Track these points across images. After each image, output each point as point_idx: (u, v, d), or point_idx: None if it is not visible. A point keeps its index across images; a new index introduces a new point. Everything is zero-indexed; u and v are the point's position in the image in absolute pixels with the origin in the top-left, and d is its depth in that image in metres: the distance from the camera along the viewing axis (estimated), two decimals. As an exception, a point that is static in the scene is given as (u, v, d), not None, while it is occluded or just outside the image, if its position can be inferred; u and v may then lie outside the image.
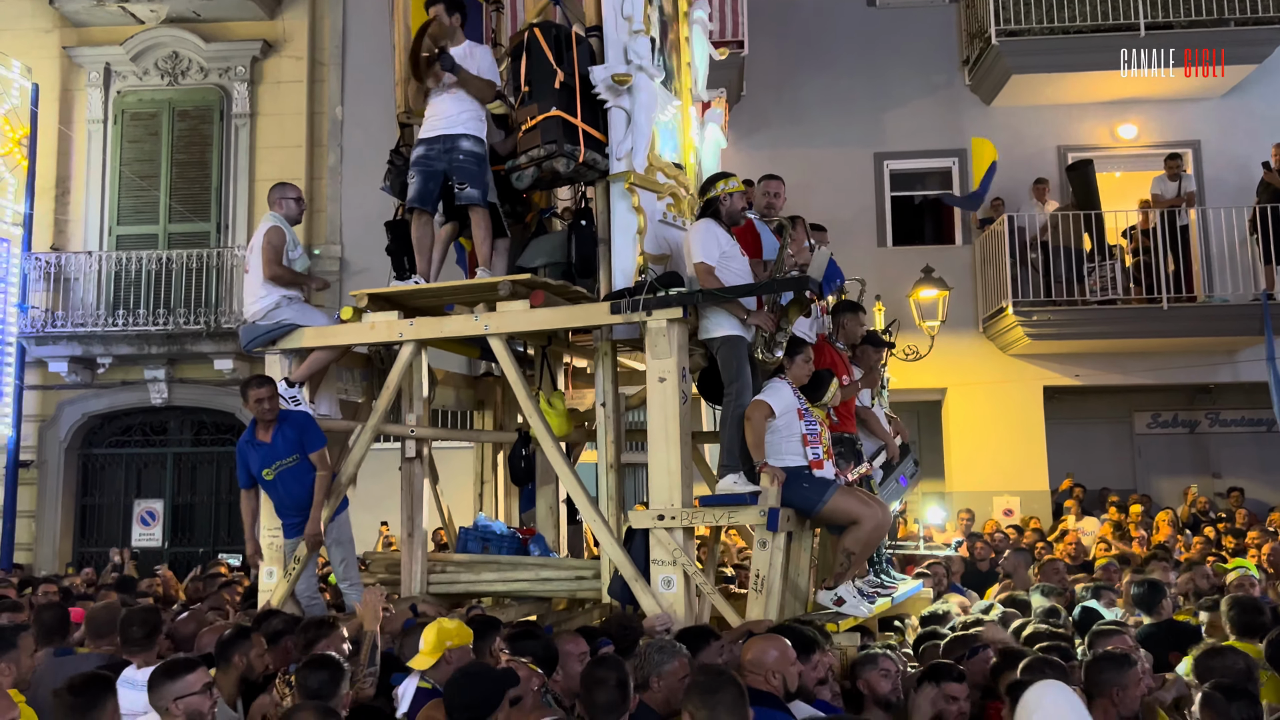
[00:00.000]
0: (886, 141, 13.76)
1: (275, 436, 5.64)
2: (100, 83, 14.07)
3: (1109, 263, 12.20)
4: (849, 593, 5.24)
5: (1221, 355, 12.60)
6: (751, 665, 3.66)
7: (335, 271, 13.25)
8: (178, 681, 3.47)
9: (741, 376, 5.38)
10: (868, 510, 5.21)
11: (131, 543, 13.62)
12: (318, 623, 4.37)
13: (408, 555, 6.09)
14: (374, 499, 6.64)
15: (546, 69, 5.73)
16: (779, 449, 5.21)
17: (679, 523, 5.19)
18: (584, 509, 5.65)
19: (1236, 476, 13.45)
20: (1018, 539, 10.73)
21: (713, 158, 7.00)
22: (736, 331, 5.40)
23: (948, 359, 12.59)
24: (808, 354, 5.44)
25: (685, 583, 5.17)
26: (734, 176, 5.77)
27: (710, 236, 5.48)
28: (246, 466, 5.77)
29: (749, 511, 5.14)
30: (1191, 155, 13.47)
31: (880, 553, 6.57)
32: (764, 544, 5.03)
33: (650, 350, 5.35)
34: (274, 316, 6.02)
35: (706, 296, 5.32)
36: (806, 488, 5.16)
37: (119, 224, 13.97)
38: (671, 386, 5.27)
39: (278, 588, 5.79)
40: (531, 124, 5.72)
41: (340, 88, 14.11)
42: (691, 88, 6.82)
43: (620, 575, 5.35)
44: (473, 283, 5.86)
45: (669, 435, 5.26)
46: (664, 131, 6.21)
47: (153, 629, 4.49)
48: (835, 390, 5.57)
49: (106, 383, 13.69)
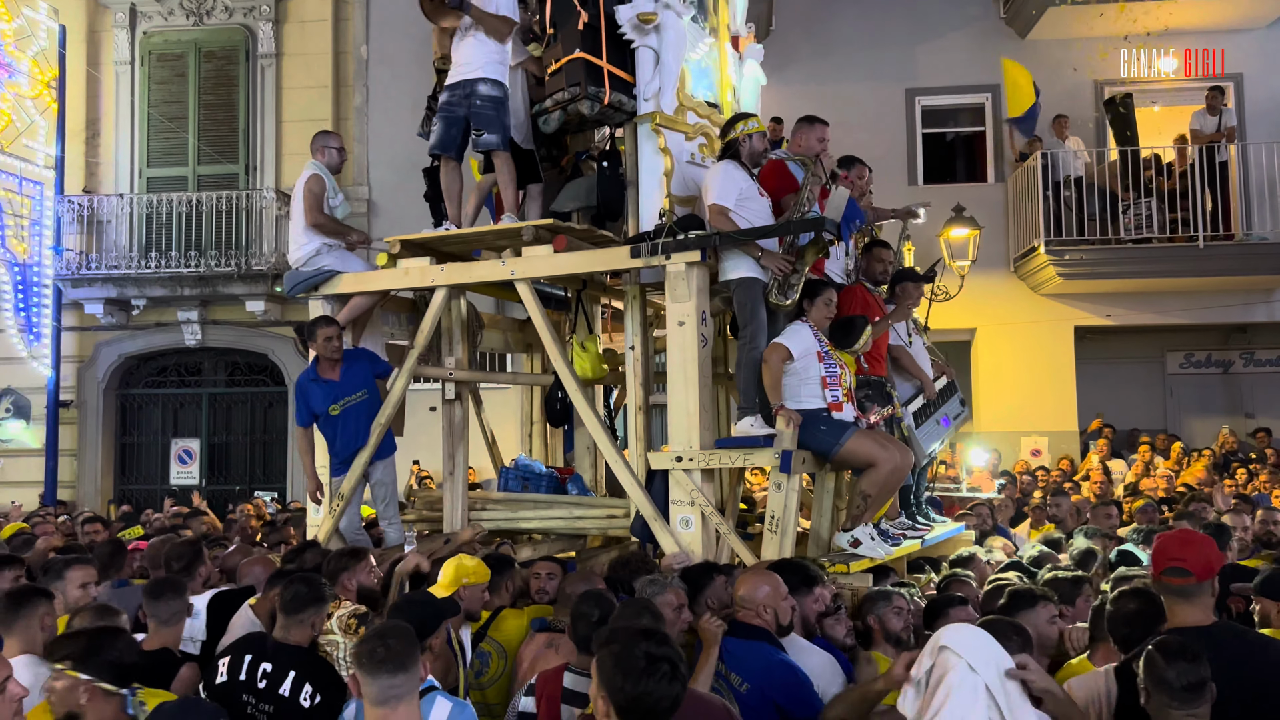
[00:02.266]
0: (918, 77, 13.51)
1: (343, 373, 5.85)
2: (126, 24, 14.05)
3: (1144, 200, 11.98)
4: (865, 534, 5.20)
5: (1259, 294, 12.41)
6: (743, 601, 3.67)
7: (363, 213, 13.31)
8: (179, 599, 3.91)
9: (756, 319, 5.33)
10: (885, 453, 5.15)
11: (170, 480, 13.94)
12: (349, 553, 4.53)
13: (450, 493, 6.22)
14: (405, 439, 6.74)
15: (570, 10, 5.67)
16: (797, 391, 5.16)
17: (696, 464, 5.22)
18: (606, 450, 5.69)
19: (1270, 417, 13.33)
20: (1049, 479, 10.74)
21: (752, 95, 6.82)
22: (752, 274, 5.33)
23: (978, 299, 12.47)
24: (829, 296, 5.35)
25: (703, 523, 5.22)
26: (754, 117, 5.65)
27: (728, 178, 5.39)
28: (308, 404, 5.91)
29: (764, 453, 5.13)
30: (1233, 89, 13.14)
31: (919, 494, 6.54)
32: (779, 486, 5.02)
33: (669, 293, 5.32)
34: (315, 263, 6.16)
35: (724, 239, 5.23)
36: (824, 430, 5.12)
37: (149, 166, 14.05)
38: (690, 330, 5.24)
39: (324, 523, 5.96)
40: (556, 67, 5.67)
41: (365, 27, 14.01)
42: (729, 23, 6.65)
43: (641, 515, 5.42)
44: (498, 228, 5.89)
45: (688, 378, 5.25)
46: (696, 70, 6.11)
47: (190, 561, 4.72)
48: (868, 337, 5.50)
49: (141, 324, 13.90)
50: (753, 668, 3.44)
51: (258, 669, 3.44)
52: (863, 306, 5.77)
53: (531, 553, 6.03)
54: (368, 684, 2.71)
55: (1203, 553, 3.11)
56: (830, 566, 4.85)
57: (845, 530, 5.28)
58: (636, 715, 2.34)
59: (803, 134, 5.89)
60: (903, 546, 5.62)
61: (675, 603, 3.73)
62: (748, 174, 5.48)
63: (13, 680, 2.79)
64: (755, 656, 3.47)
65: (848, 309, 5.70)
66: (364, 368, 5.98)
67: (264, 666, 3.43)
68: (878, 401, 5.68)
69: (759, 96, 6.91)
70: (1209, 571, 3.08)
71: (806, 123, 5.96)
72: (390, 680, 2.70)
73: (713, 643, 3.47)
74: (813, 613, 3.94)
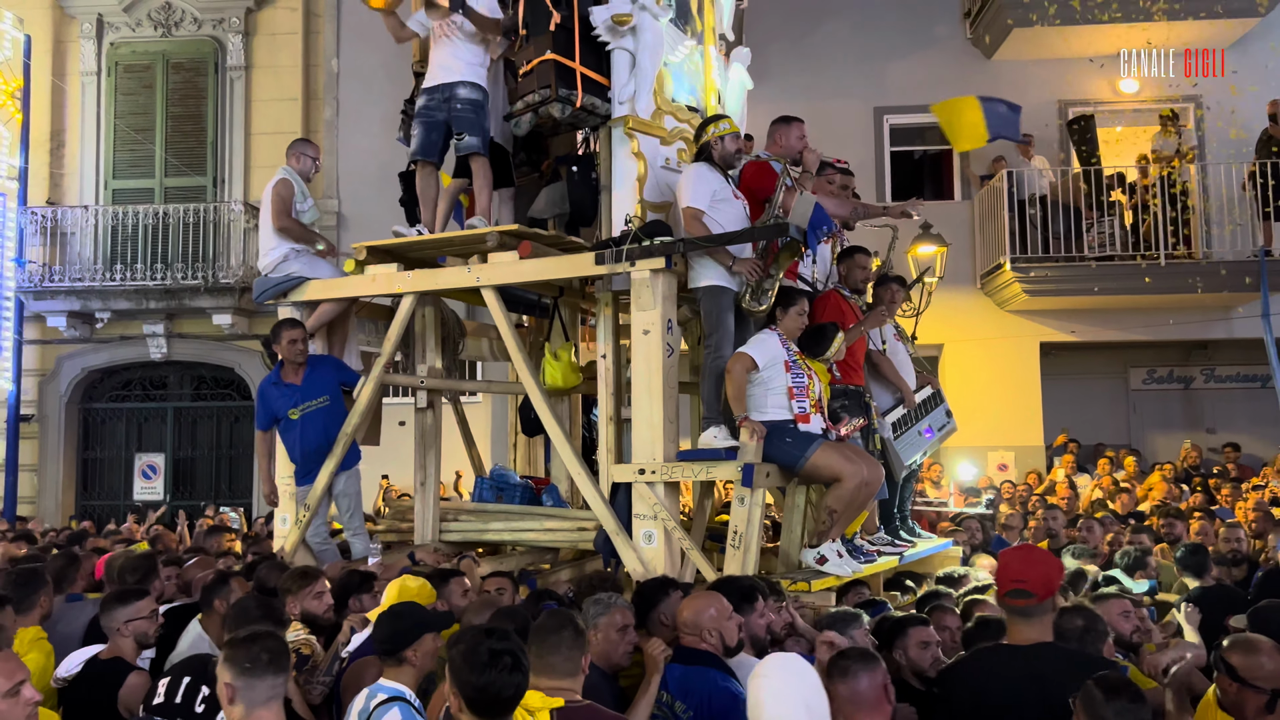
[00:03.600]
0: (887, 95, 13.67)
1: (306, 378, 5.79)
2: (93, 34, 13.92)
3: (1107, 219, 12.18)
4: (832, 551, 5.03)
5: (1218, 312, 12.63)
6: (686, 625, 3.52)
7: (333, 226, 13.23)
8: (129, 606, 3.88)
9: (721, 327, 5.21)
10: (851, 467, 4.96)
11: (134, 496, 13.73)
12: (299, 574, 4.46)
13: (421, 504, 6.16)
14: (374, 451, 6.69)
15: (543, 11, 5.59)
16: (763, 402, 5.03)
17: (659, 477, 5.08)
18: (569, 461, 5.56)
19: (1230, 432, 13.55)
20: (1015, 493, 10.83)
21: (737, 100, 6.70)
22: (720, 281, 5.21)
23: (945, 315, 12.55)
24: (802, 306, 5.23)
25: (666, 537, 5.08)
26: (727, 119, 5.55)
27: (701, 180, 5.28)
28: (269, 407, 5.88)
29: (727, 466, 4.98)
30: (1193, 110, 13.41)
31: (903, 508, 6.38)
32: (742, 500, 4.87)
33: (634, 301, 5.20)
34: (283, 269, 6.11)
35: (688, 245, 5.11)
36: (789, 442, 4.97)
37: (114, 178, 13.90)
38: (655, 339, 5.12)
39: (290, 534, 5.88)
40: (527, 68, 5.59)
41: (336, 40, 13.97)
42: (715, 26, 6.55)
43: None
44: (462, 234, 5.81)
45: (652, 388, 5.13)
46: (677, 73, 5.99)
47: (145, 575, 4.69)
48: (839, 345, 5.34)
49: (105, 337, 13.71)
50: (696, 695, 3.34)
51: (196, 693, 3.34)
52: (835, 314, 5.64)
53: (498, 565, 5.96)
54: (250, 686, 2.75)
55: (1044, 572, 3.13)
56: (790, 585, 4.71)
57: (811, 547, 5.12)
58: (483, 706, 2.50)
59: (781, 134, 5.79)
60: (877, 563, 5.48)
61: (620, 623, 3.64)
62: (721, 176, 5.38)
63: (27, 685, 2.81)
64: (699, 683, 3.36)
65: (820, 316, 5.58)
66: (328, 374, 5.91)
67: (203, 690, 3.34)
68: (854, 412, 5.51)
69: (745, 101, 6.79)
70: (1049, 590, 3.11)
71: (783, 122, 5.85)
72: (275, 680, 2.79)
73: (654, 669, 3.39)
74: (759, 629, 3.80)
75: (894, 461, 6.00)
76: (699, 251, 5.17)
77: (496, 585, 4.68)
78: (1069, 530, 7.53)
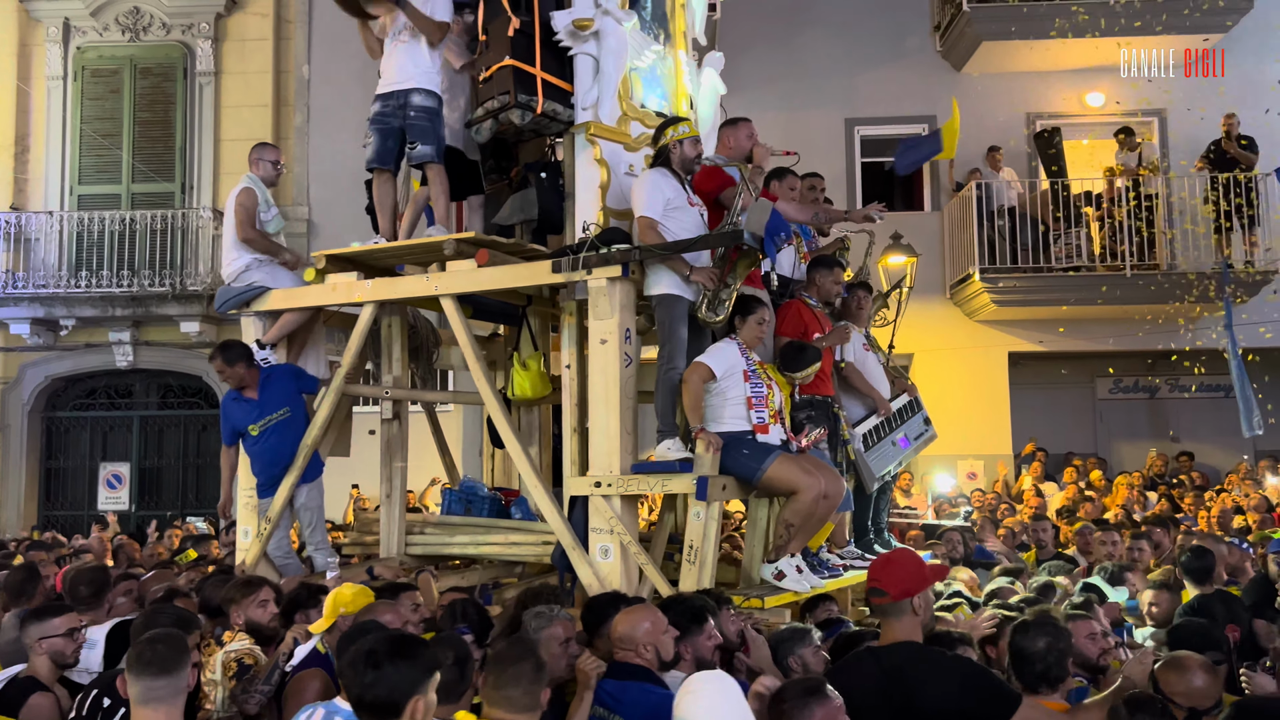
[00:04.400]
0: (858, 107, 13.78)
1: (263, 392, 5.71)
2: (59, 38, 13.76)
3: (1075, 230, 12.34)
4: (790, 566, 4.89)
5: (1183, 323, 12.82)
6: (621, 640, 3.46)
7: (303, 234, 13.14)
8: (44, 623, 3.75)
9: (675, 337, 5.06)
10: (809, 480, 4.78)
11: (98, 506, 13.53)
12: (243, 583, 4.42)
13: (386, 516, 6.07)
14: (344, 462, 6.62)
15: (501, 16, 5.48)
16: (720, 413, 4.90)
17: (616, 490, 4.95)
18: (524, 472, 5.43)
19: (1194, 441, 13.74)
20: (984, 501, 10.92)
21: (710, 105, 6.57)
22: (674, 290, 5.04)
23: (915, 325, 12.58)
24: (762, 315, 5.09)
25: (622, 552, 4.95)
26: (686, 121, 5.41)
27: (655, 188, 5.12)
28: (231, 423, 5.82)
29: (683, 479, 4.83)
30: (1157, 124, 13.62)
31: (878, 520, 6.27)
32: (698, 514, 4.73)
33: (592, 310, 5.08)
34: (245, 279, 6.01)
35: (644, 253, 4.97)
36: (747, 454, 4.82)
37: (80, 183, 13.73)
38: (613, 348, 4.99)
39: (251, 547, 5.80)
40: (486, 75, 5.50)
41: (307, 46, 13.89)
42: (686, 30, 6.47)
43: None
44: (419, 242, 5.72)
45: (609, 399, 4.99)
46: (646, 78, 5.90)
47: (99, 588, 4.60)
48: (811, 372, 5.24)
49: (70, 345, 13.52)
50: (630, 708, 3.29)
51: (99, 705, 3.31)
52: (795, 323, 5.53)
53: (460, 580, 5.88)
54: (132, 684, 2.79)
55: (897, 574, 3.24)
56: (744, 602, 4.57)
57: (770, 561, 4.97)
58: (363, 708, 2.51)
59: (729, 135, 5.68)
60: (843, 578, 5.33)
61: (562, 636, 3.60)
62: (678, 182, 5.23)
63: None
64: (634, 696, 3.31)
65: (781, 324, 5.48)
66: (285, 385, 5.81)
67: (105, 701, 3.31)
68: (819, 423, 5.38)
69: (718, 106, 6.68)
70: (904, 591, 3.18)
71: (730, 125, 5.75)
72: (151, 682, 2.77)
73: (585, 685, 3.34)
74: (707, 650, 3.67)
75: (864, 474, 5.91)
76: (655, 259, 5.05)
77: (452, 601, 4.54)
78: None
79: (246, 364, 5.74)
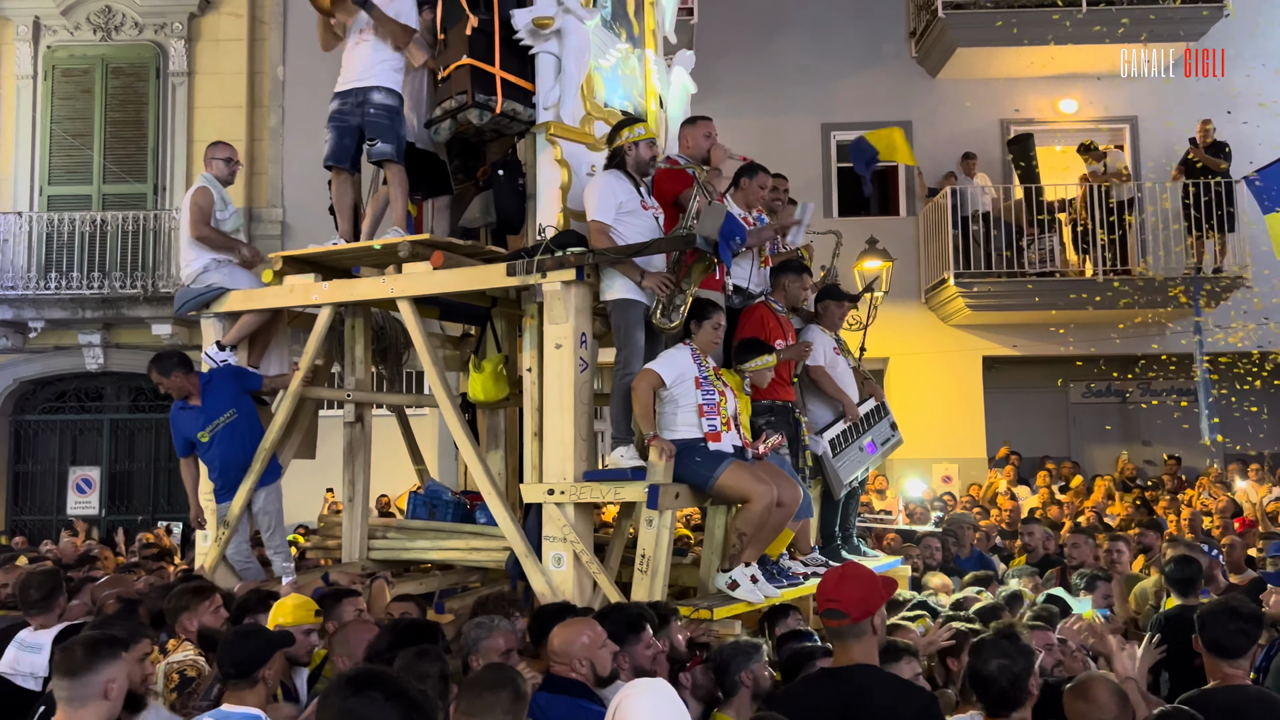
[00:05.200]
0: (834, 112, 13.84)
1: (205, 398, 5.65)
2: (29, 37, 13.58)
3: (1048, 235, 12.45)
4: (744, 576, 4.78)
5: (1154, 327, 12.94)
6: (557, 654, 3.38)
7: (277, 235, 13.03)
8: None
9: (631, 343, 4.98)
10: (761, 488, 4.69)
11: (67, 511, 13.36)
12: (193, 590, 4.37)
13: (349, 521, 6.02)
14: (318, 465, 6.56)
15: (459, 15, 5.41)
16: (673, 420, 4.81)
17: (569, 498, 4.87)
18: (478, 477, 5.34)
19: (1164, 445, 13.88)
20: (957, 506, 10.97)
21: (680, 104, 6.49)
22: (629, 295, 4.97)
23: (890, 329, 12.72)
24: (717, 319, 4.97)
25: (575, 561, 4.87)
26: (641, 122, 5.32)
27: (607, 191, 5.02)
28: (181, 433, 5.77)
29: (635, 487, 4.72)
30: (1129, 130, 13.77)
31: (847, 525, 6.21)
32: (650, 522, 4.63)
33: (547, 314, 5.00)
34: (203, 280, 5.95)
35: (597, 256, 4.88)
36: (699, 462, 4.72)
37: (50, 184, 13.55)
38: (567, 353, 4.91)
39: (210, 552, 5.76)
40: (445, 74, 5.44)
41: (282, 47, 13.79)
42: (656, 29, 6.38)
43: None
44: (372, 243, 5.62)
45: (563, 405, 4.90)
46: (611, 78, 5.82)
47: (50, 591, 4.52)
48: (760, 365, 5.15)
49: (39, 347, 13.35)
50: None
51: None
52: (757, 327, 5.44)
53: (419, 587, 5.79)
54: (58, 686, 2.88)
55: (859, 591, 3.03)
56: (693, 612, 4.48)
57: (724, 571, 4.86)
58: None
59: (687, 134, 5.61)
60: (803, 586, 5.21)
61: (503, 647, 3.54)
62: (632, 185, 5.14)
63: None
64: (566, 712, 3.24)
65: (742, 328, 5.43)
66: (227, 387, 5.71)
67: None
68: (778, 428, 5.31)
69: (688, 105, 6.61)
70: (865, 611, 3.00)
71: (689, 124, 5.68)
72: (59, 681, 2.86)
73: None
74: (645, 660, 3.58)
75: (832, 479, 5.87)
76: (607, 264, 4.98)
77: (400, 609, 4.52)
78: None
79: (184, 372, 5.67)
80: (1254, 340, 12.50)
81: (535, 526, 5.03)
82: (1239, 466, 12.12)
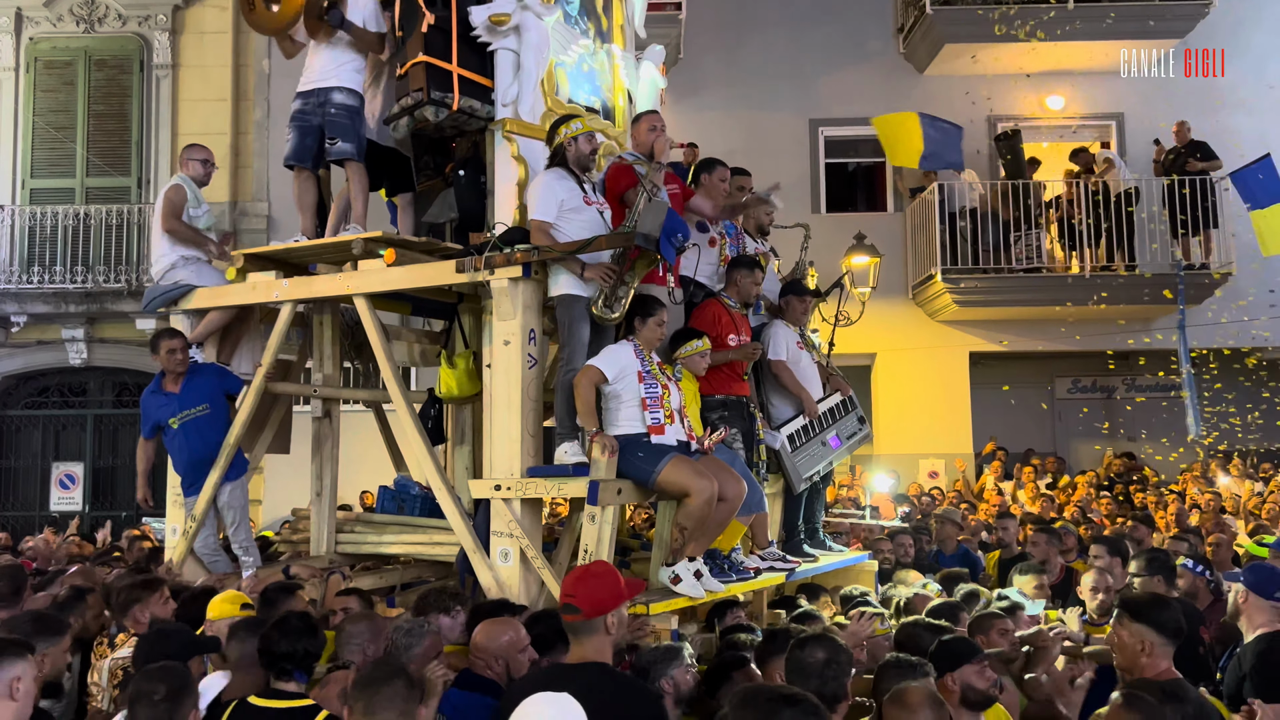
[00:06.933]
0: (822, 108, 13.85)
1: (184, 387, 5.73)
2: (11, 29, 13.46)
3: (1034, 231, 12.49)
4: (687, 571, 4.72)
5: (1139, 323, 13.01)
6: (476, 650, 3.39)
7: (263, 230, 12.96)
8: None
9: (575, 338, 4.97)
10: (701, 482, 4.62)
11: (50, 507, 13.27)
12: (142, 583, 4.40)
13: (317, 515, 6.06)
14: (303, 461, 6.54)
15: (416, 12, 5.42)
16: (615, 416, 4.80)
17: (515, 494, 4.90)
18: (429, 473, 5.33)
19: (1150, 440, 13.98)
20: (944, 501, 11.01)
21: (649, 99, 6.46)
22: (572, 290, 4.97)
23: (878, 325, 12.73)
24: (661, 316, 4.93)
25: (522, 557, 4.89)
26: (579, 118, 5.25)
27: (547, 190, 5.03)
28: (149, 416, 5.85)
29: (578, 483, 4.72)
30: (1115, 127, 13.83)
31: (812, 519, 6.19)
32: (592, 518, 4.61)
33: (495, 310, 5.06)
34: (171, 277, 6.03)
35: (542, 253, 4.91)
36: (642, 457, 4.70)
37: (33, 177, 13.44)
38: (515, 350, 4.95)
39: (177, 545, 5.79)
40: (402, 71, 5.45)
41: (267, 40, 13.64)
42: (623, 24, 6.40)
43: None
44: (330, 241, 5.70)
45: (511, 401, 4.94)
46: (575, 74, 5.80)
47: (17, 586, 4.61)
48: (691, 351, 5.09)
49: (21, 342, 13.25)
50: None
51: None
52: (709, 323, 5.42)
53: (379, 581, 5.80)
54: None
55: (594, 590, 3.01)
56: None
57: (667, 565, 4.80)
58: None
59: (635, 130, 5.58)
60: (753, 580, 5.20)
61: (434, 652, 3.56)
62: (574, 182, 5.12)
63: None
64: (475, 712, 3.21)
65: (696, 322, 5.43)
66: (208, 382, 5.82)
67: None
68: (732, 423, 5.29)
69: (657, 99, 6.59)
70: (598, 609, 2.97)
71: (635, 120, 5.66)
72: None
73: (431, 693, 3.24)
74: None
75: (791, 474, 5.86)
76: (552, 260, 4.99)
77: (343, 604, 4.53)
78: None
79: (169, 353, 5.72)
80: (1237, 337, 12.58)
81: (484, 522, 5.05)
82: (1221, 461, 12.20)
